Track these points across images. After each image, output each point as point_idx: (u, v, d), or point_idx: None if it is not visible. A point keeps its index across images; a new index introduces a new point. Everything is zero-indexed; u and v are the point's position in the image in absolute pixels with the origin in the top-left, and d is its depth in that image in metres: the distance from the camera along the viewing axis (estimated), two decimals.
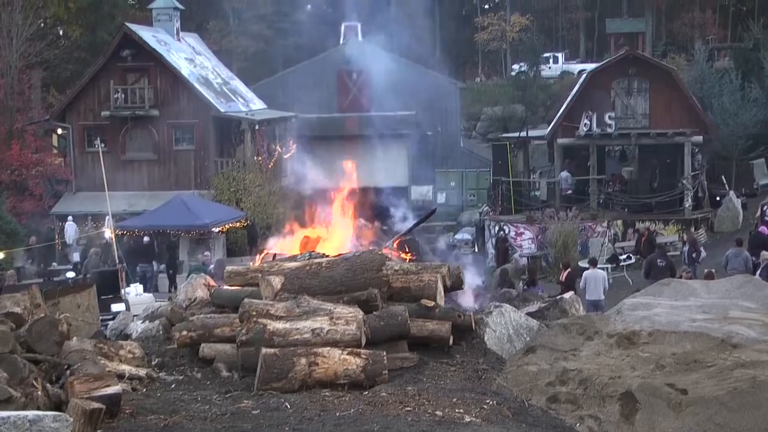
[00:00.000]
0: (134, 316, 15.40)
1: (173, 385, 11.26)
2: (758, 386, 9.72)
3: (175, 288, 27.82)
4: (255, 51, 68.95)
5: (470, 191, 52.65)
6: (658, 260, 28.58)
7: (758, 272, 25.06)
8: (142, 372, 11.39)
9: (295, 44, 64.61)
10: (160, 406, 9.94)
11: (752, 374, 9.97)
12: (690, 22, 71.82)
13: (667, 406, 9.97)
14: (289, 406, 9.72)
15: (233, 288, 13.52)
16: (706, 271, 25.75)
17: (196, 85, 45.69)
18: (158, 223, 36.13)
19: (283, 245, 16.17)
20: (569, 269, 27.23)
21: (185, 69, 46.45)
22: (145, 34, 46.51)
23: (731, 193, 41.85)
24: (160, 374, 11.68)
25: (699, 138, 40.74)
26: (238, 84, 51.77)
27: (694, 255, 31.50)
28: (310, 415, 9.42)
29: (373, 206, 21.75)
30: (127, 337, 13.97)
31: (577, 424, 10.20)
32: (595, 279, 25.98)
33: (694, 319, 11.72)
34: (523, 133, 46.12)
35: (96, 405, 8.91)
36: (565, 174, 41.63)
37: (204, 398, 10.36)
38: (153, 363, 12.07)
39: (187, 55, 48.80)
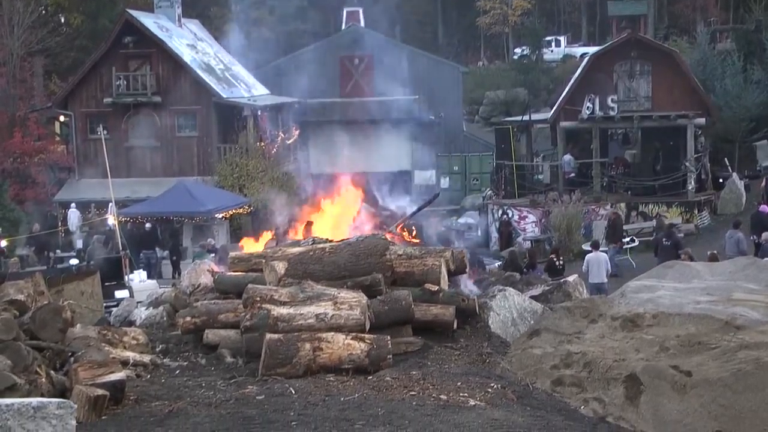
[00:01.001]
0: (138, 302, 15.42)
1: (177, 372, 11.27)
2: (762, 367, 9.71)
3: (179, 274, 27.83)
4: (257, 37, 68.79)
5: (473, 175, 52.62)
6: (664, 239, 28.92)
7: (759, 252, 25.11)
8: (147, 358, 11.41)
9: (297, 30, 64.48)
10: (164, 392, 9.96)
11: (756, 356, 9.96)
12: (692, 4, 71.68)
13: (671, 388, 9.96)
14: (293, 392, 9.73)
15: (237, 274, 13.52)
16: (709, 253, 25.76)
17: (198, 72, 45.64)
18: (161, 209, 36.17)
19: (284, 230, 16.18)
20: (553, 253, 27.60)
21: (187, 55, 46.40)
22: (147, 20, 46.45)
23: (734, 175, 41.79)
24: (164, 360, 11.70)
25: (702, 120, 40.68)
26: (239, 70, 51.69)
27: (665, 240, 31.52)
28: (315, 400, 9.43)
29: (375, 191, 21.72)
30: (131, 323, 13.99)
31: (582, 407, 10.20)
32: (598, 262, 26.00)
33: (698, 301, 11.70)
34: (526, 117, 46.08)
35: (100, 392, 8.93)
36: (568, 157, 41.59)
37: (208, 384, 10.37)
38: (157, 349, 12.10)
39: (189, 41, 48.74)
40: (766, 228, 28.79)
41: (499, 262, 27.47)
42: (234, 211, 37.81)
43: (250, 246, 16.43)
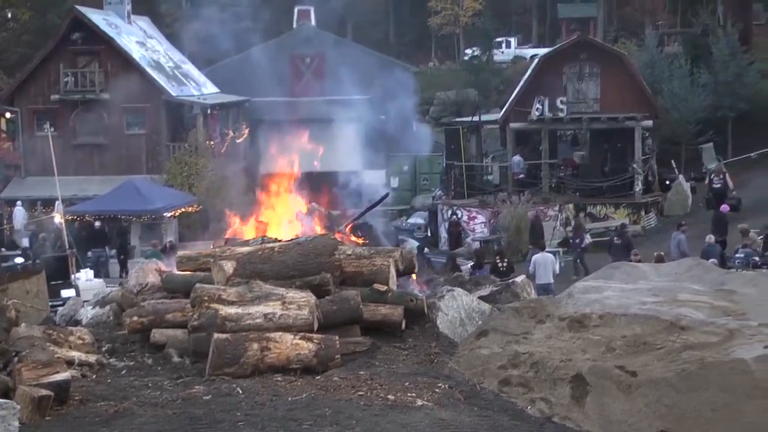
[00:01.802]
0: (84, 301, 15.27)
1: (124, 371, 11.19)
2: (706, 368, 9.82)
3: (127, 273, 27.62)
4: (207, 35, 68.43)
5: (423, 176, 52.66)
6: (615, 239, 29.43)
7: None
8: (92, 358, 11.30)
9: (248, 28, 64.19)
10: (110, 392, 9.88)
11: (700, 356, 10.07)
12: (641, 7, 72.26)
13: (617, 388, 10.05)
14: (241, 392, 9.70)
15: (185, 273, 13.44)
16: (656, 254, 26.06)
17: (148, 69, 45.34)
18: (109, 207, 35.89)
19: (235, 230, 16.10)
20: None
21: (136, 52, 46.07)
22: (96, 17, 46.05)
23: (681, 177, 42.26)
24: (111, 360, 11.60)
25: (649, 122, 41.10)
26: (190, 68, 51.40)
27: (577, 240, 31.94)
28: (262, 400, 9.41)
29: (324, 191, 21.70)
30: (77, 323, 13.84)
31: (529, 407, 10.26)
32: (545, 263, 26.16)
33: (644, 302, 11.80)
34: (476, 118, 46.23)
35: (44, 392, 8.85)
36: (517, 158, 41.81)
37: (155, 384, 10.31)
38: (103, 349, 11.98)
39: (139, 39, 48.41)
40: (727, 228, 29.43)
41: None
42: (183, 209, 37.58)
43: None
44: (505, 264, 26.84)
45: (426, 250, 29.96)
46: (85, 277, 26.81)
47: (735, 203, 37.55)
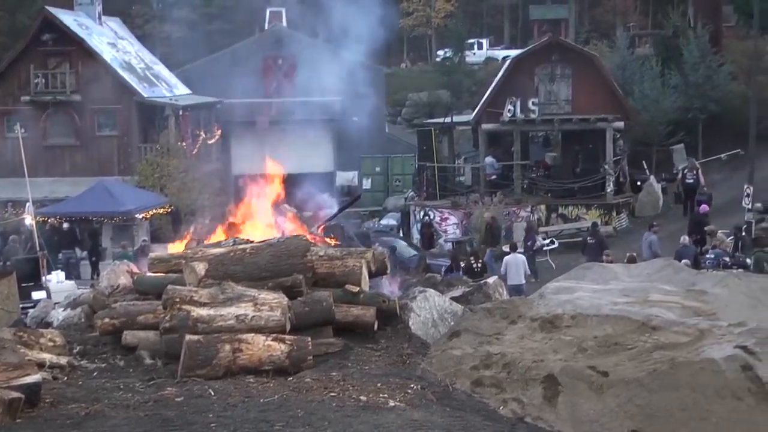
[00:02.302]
0: (55, 303, 15.20)
1: (95, 373, 11.13)
2: (677, 367, 9.88)
3: (98, 275, 27.50)
4: (179, 36, 68.28)
5: (395, 177, 52.74)
6: (589, 238, 29.57)
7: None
8: (63, 360, 11.24)
9: (221, 29, 64.12)
10: (81, 394, 9.82)
11: (671, 356, 10.12)
12: (612, 9, 72.72)
13: (588, 388, 10.09)
14: (213, 393, 9.68)
15: (157, 275, 13.40)
16: (628, 254, 26.22)
17: (119, 70, 45.16)
18: (81, 209, 35.71)
19: (207, 231, 16.07)
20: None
21: (107, 53, 45.86)
22: (66, 18, 45.82)
23: (652, 178, 42.50)
24: (82, 362, 11.54)
25: (620, 124, 41.30)
26: (161, 69, 51.23)
27: (529, 243, 32.11)
28: (234, 401, 9.39)
29: (297, 192, 21.68)
30: (48, 325, 13.77)
31: (501, 408, 10.28)
32: (516, 264, 26.25)
33: (615, 302, 11.85)
34: (448, 119, 46.31)
35: (15, 394, 8.78)
36: (489, 159, 41.92)
37: (127, 386, 10.26)
38: (75, 351, 11.92)
39: (110, 40, 48.19)
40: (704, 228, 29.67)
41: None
42: (154, 211, 37.44)
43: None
44: (479, 265, 26.94)
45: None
46: (56, 278, 26.66)
47: (706, 199, 38.15)
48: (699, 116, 46.12)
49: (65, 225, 35.14)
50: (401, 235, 41.54)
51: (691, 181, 39.63)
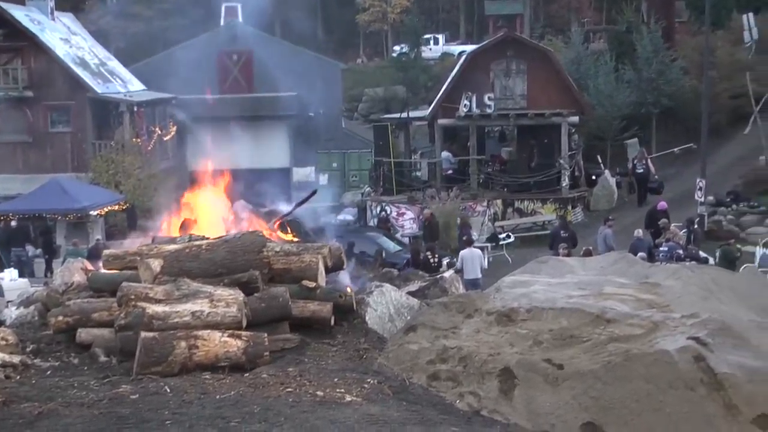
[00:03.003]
0: (8, 302, 15.07)
1: (49, 372, 11.05)
2: (631, 359, 9.98)
3: (52, 273, 27.23)
4: (134, 32, 67.82)
5: (352, 172, 52.73)
6: (561, 231, 29.69)
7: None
8: (16, 359, 11.14)
9: (176, 25, 63.72)
10: (35, 393, 9.76)
11: (625, 348, 10.22)
12: (567, 5, 73.08)
13: (544, 381, 10.16)
14: (168, 390, 9.64)
15: (111, 272, 13.30)
16: (584, 248, 26.44)
17: (72, 66, 44.74)
18: (34, 206, 35.34)
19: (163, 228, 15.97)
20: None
21: (60, 49, 45.43)
22: (18, 13, 45.32)
23: (606, 172, 42.81)
24: (35, 361, 11.45)
25: (575, 118, 41.51)
26: (115, 65, 50.84)
27: (464, 238, 32.26)
28: (190, 398, 9.36)
29: (254, 187, 21.62)
30: (1, 323, 13.64)
31: (457, 401, 10.33)
32: (472, 258, 26.33)
33: (570, 295, 11.94)
34: (404, 115, 46.34)
35: None
36: (446, 154, 42.00)
37: (81, 384, 10.20)
38: (28, 349, 11.82)
39: (63, 35, 47.74)
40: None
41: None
42: (109, 208, 37.16)
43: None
44: (436, 259, 26.95)
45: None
46: (9, 277, 26.40)
47: (657, 186, 40.53)
48: (652, 111, 46.50)
49: (12, 223, 34.77)
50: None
51: (642, 170, 41.17)
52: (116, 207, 37.73)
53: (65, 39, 47.49)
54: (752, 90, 44.67)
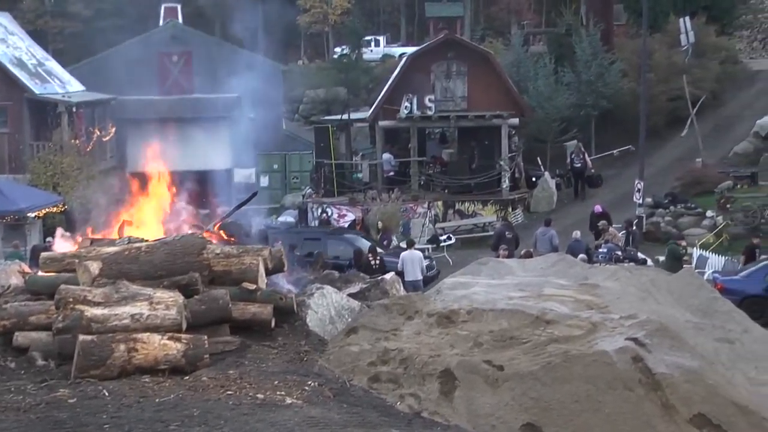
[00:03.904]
0: None
1: None
2: (570, 360, 10.07)
3: None
4: (72, 32, 67.12)
5: (293, 174, 52.56)
6: (506, 232, 29.86)
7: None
8: None
9: (115, 25, 63.14)
10: None
11: (565, 349, 10.31)
12: (507, 7, 73.39)
13: (484, 382, 10.22)
14: (107, 394, 9.56)
15: (49, 274, 13.15)
16: (524, 250, 26.60)
17: (9, 66, 44.19)
18: None
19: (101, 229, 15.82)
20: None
21: None
22: None
23: (546, 174, 43.15)
24: None
25: (515, 120, 41.79)
26: (53, 65, 50.27)
27: (385, 242, 32.51)
28: (129, 402, 9.29)
29: (194, 189, 21.48)
30: None
31: (398, 403, 10.35)
32: (412, 260, 26.37)
33: (510, 297, 12.02)
34: (345, 116, 46.33)
35: None
36: (387, 156, 42.07)
37: (18, 388, 10.06)
38: None
39: None
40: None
41: None
42: (47, 209, 36.71)
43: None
44: (377, 261, 26.91)
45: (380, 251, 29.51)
46: None
47: (595, 179, 42.45)
48: (591, 113, 46.93)
49: None
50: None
51: (579, 165, 42.47)
52: (54, 209, 37.28)
53: (2, 39, 46.88)
54: (689, 92, 45.35)
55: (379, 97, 43.23)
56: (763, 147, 41.88)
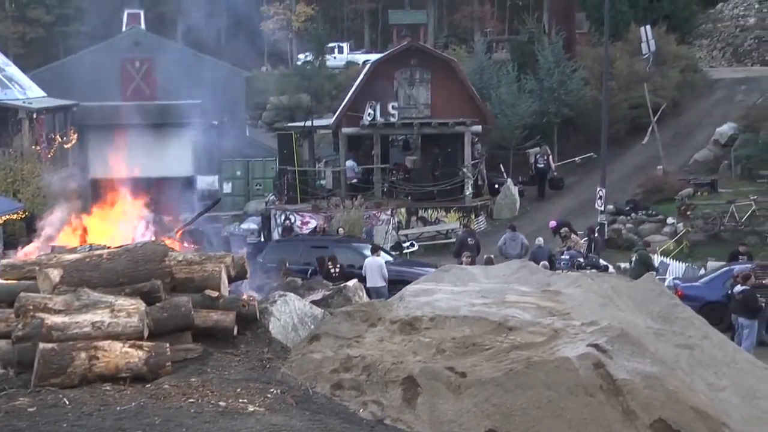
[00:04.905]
0: None
1: None
2: (532, 367, 10.11)
3: None
4: (33, 37, 66.68)
5: (256, 181, 52.42)
6: (468, 239, 29.97)
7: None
8: None
9: (77, 31, 62.78)
10: None
11: (527, 355, 10.35)
12: (470, 15, 73.73)
13: (447, 389, 10.24)
14: (67, 402, 9.49)
15: (9, 282, 13.04)
16: (486, 257, 26.70)
17: None
18: None
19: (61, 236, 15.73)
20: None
21: None
22: None
23: (509, 181, 43.32)
24: None
25: (478, 127, 41.88)
26: (14, 71, 49.88)
27: None
28: (90, 410, 9.22)
29: (156, 196, 21.38)
30: None
31: (361, 410, 10.35)
32: (374, 267, 26.38)
33: (473, 303, 12.05)
34: (309, 123, 46.28)
35: None
36: (350, 163, 42.07)
37: None
38: None
39: None
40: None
41: None
42: (7, 216, 36.40)
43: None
44: (337, 269, 26.80)
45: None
46: None
47: (557, 180, 43.60)
48: (554, 120, 47.14)
49: None
50: (261, 239, 41.31)
51: (542, 165, 43.64)
52: (14, 216, 36.98)
53: None
54: (650, 101, 45.69)
55: (343, 104, 43.22)
56: (723, 155, 42.30)
